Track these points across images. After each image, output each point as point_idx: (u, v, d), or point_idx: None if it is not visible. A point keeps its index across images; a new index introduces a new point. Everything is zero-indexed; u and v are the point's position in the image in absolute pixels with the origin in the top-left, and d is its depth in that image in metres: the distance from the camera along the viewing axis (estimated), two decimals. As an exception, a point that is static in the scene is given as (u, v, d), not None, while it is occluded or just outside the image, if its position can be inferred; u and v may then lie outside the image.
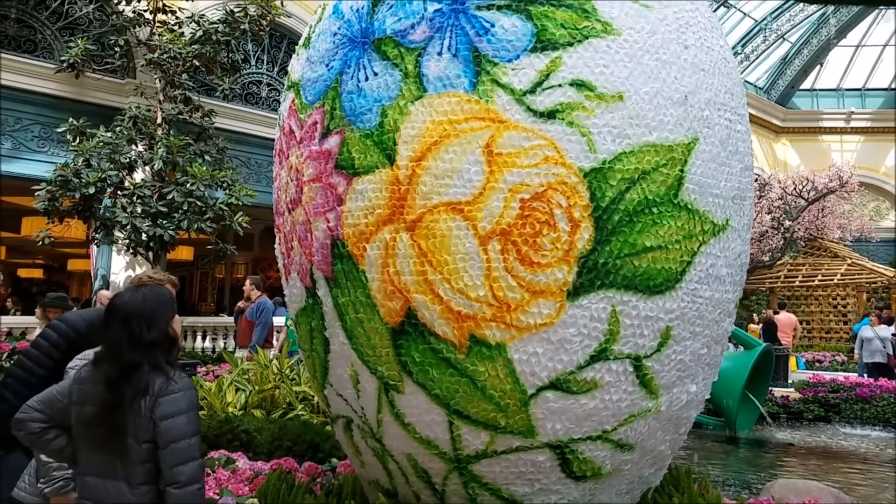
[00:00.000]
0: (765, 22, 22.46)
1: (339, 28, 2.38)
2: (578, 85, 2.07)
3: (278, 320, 8.46)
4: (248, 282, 8.19)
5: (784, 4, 21.65)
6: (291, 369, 5.44)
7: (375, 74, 2.19)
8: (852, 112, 25.03)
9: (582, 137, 2.07)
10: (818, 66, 25.02)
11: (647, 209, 2.13)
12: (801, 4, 20.75)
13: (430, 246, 2.08)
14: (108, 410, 1.74)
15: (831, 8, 20.72)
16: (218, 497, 2.68)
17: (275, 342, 8.15)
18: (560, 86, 2.06)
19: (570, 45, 2.09)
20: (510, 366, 2.11)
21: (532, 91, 2.06)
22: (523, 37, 2.08)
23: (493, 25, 2.10)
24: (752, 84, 23.11)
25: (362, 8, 2.33)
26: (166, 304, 1.94)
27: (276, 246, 2.77)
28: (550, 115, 2.06)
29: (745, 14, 22.12)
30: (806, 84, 25.37)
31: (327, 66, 2.37)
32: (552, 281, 2.07)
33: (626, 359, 2.19)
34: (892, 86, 25.46)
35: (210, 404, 4.69)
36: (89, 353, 2.10)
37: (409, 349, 2.17)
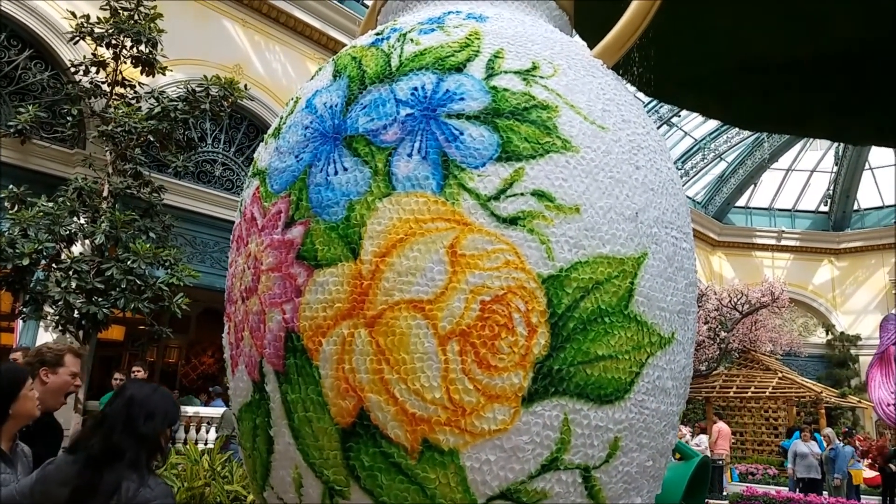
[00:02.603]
0: (704, 141, 24.16)
1: (311, 122, 2.43)
2: (539, 195, 2.15)
3: (214, 411, 8.13)
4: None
5: (722, 127, 23.41)
6: (223, 466, 5.16)
7: (345, 169, 2.23)
8: (783, 231, 26.68)
9: (541, 245, 2.12)
10: (752, 186, 26.81)
11: (600, 318, 2.18)
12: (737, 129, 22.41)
13: (388, 343, 2.05)
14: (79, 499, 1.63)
15: (765, 133, 22.47)
16: None
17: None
18: (522, 194, 2.14)
19: (533, 157, 2.19)
20: (462, 473, 2.05)
21: (496, 197, 2.12)
22: (490, 146, 2.17)
23: (461, 133, 2.18)
24: (691, 199, 24.56)
25: (335, 105, 2.39)
26: (171, 411, 1.93)
27: (224, 335, 2.69)
28: (513, 221, 2.12)
29: (685, 133, 23.75)
30: (741, 202, 27.06)
31: (297, 157, 2.40)
32: (508, 385, 2.06)
33: (575, 469, 2.17)
34: (819, 209, 27.34)
35: (131, 499, 4.36)
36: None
37: (359, 452, 2.09)
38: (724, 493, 10.78)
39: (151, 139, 9.99)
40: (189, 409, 7.86)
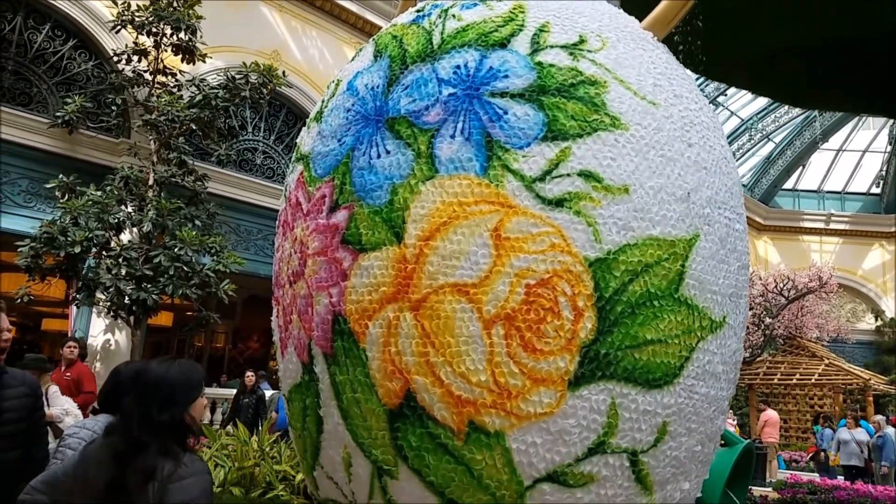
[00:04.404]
0: (751, 121, 23.47)
1: (352, 105, 2.43)
2: (586, 176, 2.12)
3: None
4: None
5: (770, 105, 22.70)
6: (272, 447, 5.28)
7: (388, 152, 2.22)
8: (832, 214, 25.84)
9: (588, 227, 2.09)
10: (800, 168, 26.00)
11: (649, 302, 2.14)
12: (787, 107, 21.75)
13: (433, 327, 2.05)
14: (114, 492, 1.60)
15: (816, 111, 21.74)
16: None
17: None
18: (569, 175, 2.10)
19: (580, 136, 2.15)
20: (508, 455, 2.05)
21: (542, 179, 2.09)
22: (535, 125, 2.14)
23: (505, 112, 2.15)
24: (734, 182, 23.92)
25: (377, 87, 2.39)
26: (191, 385, 1.84)
27: (272, 318, 2.73)
28: (558, 203, 2.08)
29: (732, 113, 23.12)
30: (788, 184, 26.27)
31: (339, 141, 2.40)
32: (554, 369, 2.04)
33: (623, 453, 2.14)
34: (871, 191, 26.42)
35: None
36: (87, 422, 2.00)
37: (406, 433, 2.10)
38: (769, 481, 10.60)
39: (194, 127, 10.17)
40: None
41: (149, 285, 8.76)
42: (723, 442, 7.67)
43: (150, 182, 9.79)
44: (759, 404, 15.47)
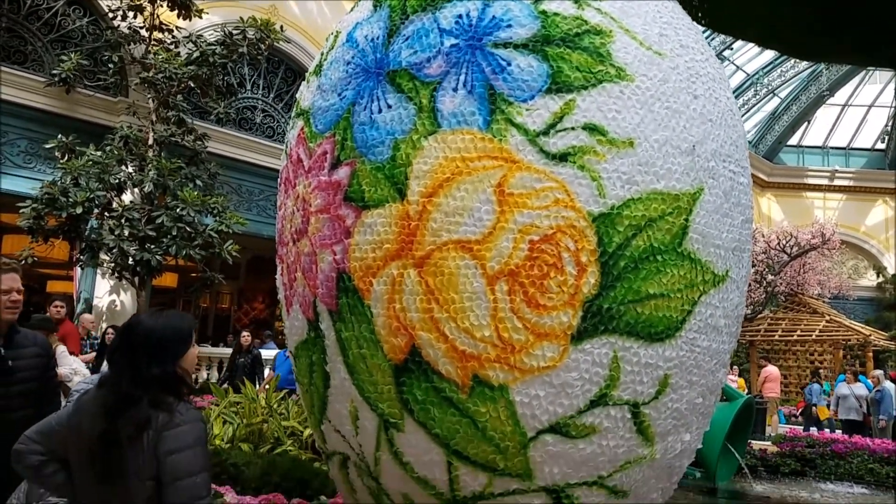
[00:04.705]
0: (757, 76, 23.05)
1: (352, 57, 2.39)
2: (591, 129, 2.09)
3: (266, 353, 8.46)
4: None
5: (776, 60, 22.27)
6: (279, 404, 5.36)
7: (389, 107, 2.19)
8: (836, 170, 25.63)
9: (592, 182, 2.07)
10: (805, 123, 25.65)
11: (652, 256, 2.14)
12: (794, 61, 21.36)
13: (437, 283, 2.06)
14: (107, 444, 1.61)
15: (823, 65, 21.34)
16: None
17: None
18: (573, 129, 2.08)
19: (585, 88, 2.11)
20: (511, 408, 2.08)
21: (545, 133, 2.07)
22: (539, 77, 2.10)
23: (509, 64, 2.11)
24: (739, 138, 23.65)
25: (377, 38, 2.34)
26: (181, 337, 1.80)
27: (277, 276, 2.74)
28: (562, 157, 2.07)
29: (737, 67, 22.70)
30: (793, 140, 25.97)
31: (339, 95, 2.37)
32: (557, 324, 2.05)
33: (624, 405, 2.17)
34: (876, 146, 26.15)
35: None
36: (95, 378, 2.01)
37: (412, 387, 2.13)
38: (768, 435, 10.79)
39: (192, 85, 10.04)
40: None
41: (152, 246, 8.77)
42: (724, 397, 7.79)
43: (150, 142, 9.72)
44: (760, 360, 15.60)
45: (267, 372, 8.08)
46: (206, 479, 1.64)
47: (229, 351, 9.84)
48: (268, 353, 8.71)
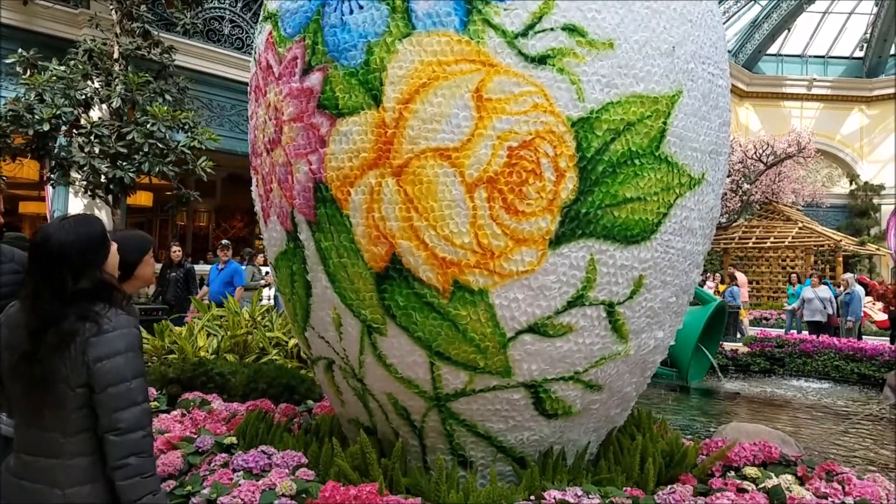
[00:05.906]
0: (738, -19, 22.40)
1: (321, -46, 2.27)
2: (570, 30, 2.05)
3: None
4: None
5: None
6: (263, 316, 5.42)
7: (361, 8, 2.11)
8: (814, 79, 25.44)
9: (571, 86, 2.05)
10: (786, 32, 25.20)
11: (630, 160, 2.15)
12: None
13: (416, 192, 2.06)
14: (31, 359, 1.54)
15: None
16: (195, 436, 2.68)
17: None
18: (552, 30, 2.03)
19: (564, -14, 2.05)
20: (491, 311, 2.14)
21: (524, 34, 2.02)
22: (517, -25, 2.03)
23: (485, -40, 2.03)
24: (719, 46, 23.22)
25: (347, -65, 2.22)
26: (99, 241, 1.64)
27: (252, 188, 2.71)
28: (541, 60, 2.03)
29: (717, -27, 21.99)
30: (772, 49, 25.58)
31: (309, -3, 2.27)
32: (535, 230, 2.08)
33: (600, 305, 2.25)
34: (854, 54, 25.87)
35: (181, 348, 4.67)
36: None
37: (393, 293, 2.17)
38: (739, 336, 11.21)
39: (155, -6, 9.58)
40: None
41: (124, 163, 8.57)
42: (697, 301, 8.01)
43: (116, 55, 9.30)
44: (730, 268, 15.99)
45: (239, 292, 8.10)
46: (141, 385, 1.59)
47: (208, 268, 9.79)
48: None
